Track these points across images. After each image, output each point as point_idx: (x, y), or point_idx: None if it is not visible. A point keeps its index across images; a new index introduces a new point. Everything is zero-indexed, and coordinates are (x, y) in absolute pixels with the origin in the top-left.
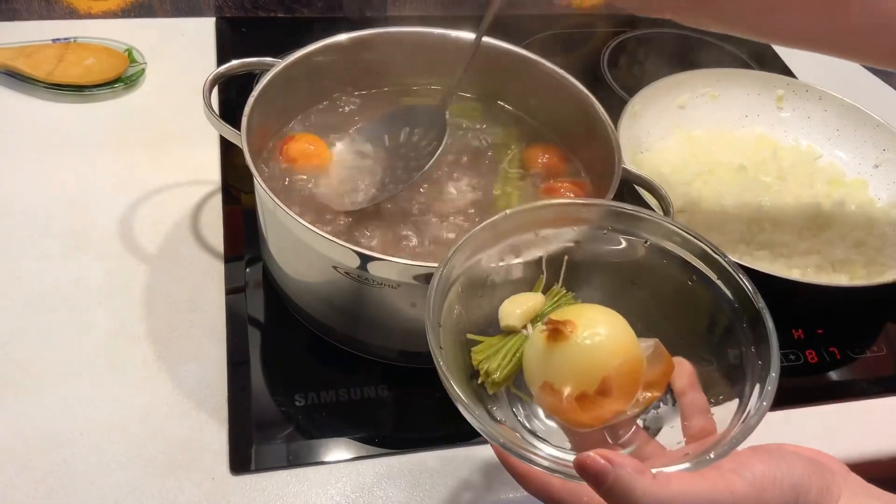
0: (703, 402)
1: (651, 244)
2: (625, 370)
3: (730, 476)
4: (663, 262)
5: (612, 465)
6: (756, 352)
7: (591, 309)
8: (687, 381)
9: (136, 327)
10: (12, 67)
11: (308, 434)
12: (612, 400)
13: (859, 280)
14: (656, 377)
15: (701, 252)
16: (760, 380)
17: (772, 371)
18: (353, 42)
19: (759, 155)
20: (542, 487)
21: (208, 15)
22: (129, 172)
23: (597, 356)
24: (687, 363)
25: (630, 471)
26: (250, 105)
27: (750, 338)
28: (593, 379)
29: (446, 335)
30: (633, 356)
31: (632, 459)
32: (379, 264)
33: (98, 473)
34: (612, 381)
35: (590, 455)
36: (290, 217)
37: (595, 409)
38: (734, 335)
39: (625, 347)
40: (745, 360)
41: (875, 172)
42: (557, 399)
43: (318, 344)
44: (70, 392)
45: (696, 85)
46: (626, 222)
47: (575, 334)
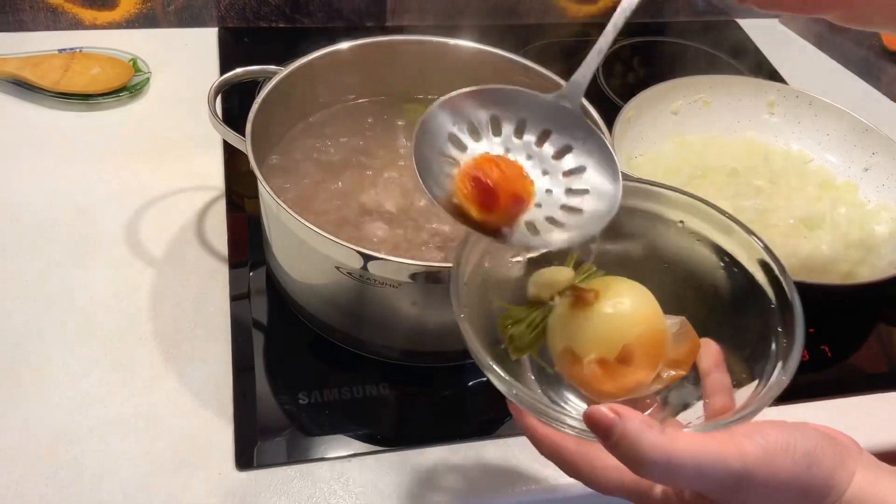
0: (727, 383)
1: (685, 226)
2: (646, 340)
3: (741, 439)
4: (696, 243)
5: (619, 418)
6: (782, 332)
7: (617, 280)
8: (713, 361)
9: (142, 329)
10: (20, 77)
11: (311, 431)
12: (632, 369)
13: (850, 280)
14: (682, 356)
15: (733, 233)
16: (783, 358)
17: (795, 349)
18: (354, 50)
19: (751, 159)
20: (556, 449)
21: (211, 25)
22: (135, 179)
23: (619, 324)
24: (714, 344)
25: (638, 424)
26: (254, 111)
27: (777, 319)
28: (614, 346)
29: (471, 297)
30: (656, 328)
31: (640, 414)
32: (380, 264)
33: (108, 469)
34: (632, 349)
35: (599, 407)
36: (293, 219)
37: (614, 377)
38: (763, 317)
39: (647, 318)
40: (771, 340)
41: (865, 175)
42: (577, 364)
43: (321, 343)
44: (79, 392)
45: (689, 91)
46: (660, 203)
47: (599, 302)
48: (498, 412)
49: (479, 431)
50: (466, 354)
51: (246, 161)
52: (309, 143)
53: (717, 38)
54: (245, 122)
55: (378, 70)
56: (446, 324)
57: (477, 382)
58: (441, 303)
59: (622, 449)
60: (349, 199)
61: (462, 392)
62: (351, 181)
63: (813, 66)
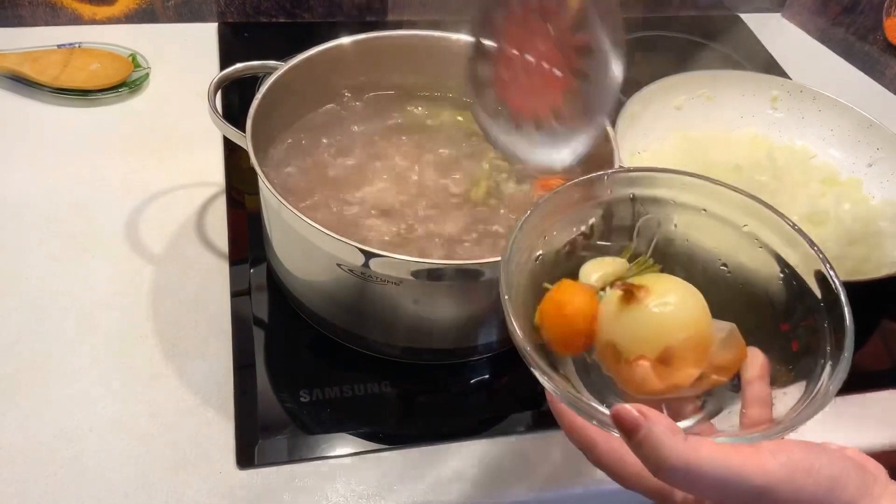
0: (767, 395)
1: (749, 230)
2: (689, 345)
3: (765, 455)
4: (758, 249)
5: (645, 419)
6: (830, 353)
7: (669, 280)
8: (757, 371)
9: (143, 326)
10: (18, 72)
11: (313, 430)
12: (671, 371)
13: (854, 276)
14: (727, 362)
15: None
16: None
17: (840, 369)
18: (355, 45)
19: (755, 155)
20: (585, 441)
21: (211, 20)
22: (135, 175)
23: (663, 324)
24: (761, 354)
25: (662, 428)
26: (254, 107)
27: (828, 337)
28: (656, 346)
29: (520, 279)
30: (702, 333)
31: (667, 419)
32: (381, 261)
33: (108, 468)
34: (674, 352)
35: (626, 406)
36: (293, 215)
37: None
38: (814, 332)
39: (693, 323)
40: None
41: (869, 171)
42: (618, 359)
43: (322, 341)
44: (79, 390)
45: (693, 86)
46: (726, 204)
47: (646, 300)
48: (502, 409)
49: (482, 429)
50: (469, 352)
51: (246, 157)
52: (310, 139)
53: (720, 32)
54: (245, 117)
55: (380, 65)
56: (448, 321)
57: (479, 380)
58: (442, 300)
59: (644, 451)
60: (351, 196)
61: (465, 390)
62: (353, 177)
63: (816, 61)
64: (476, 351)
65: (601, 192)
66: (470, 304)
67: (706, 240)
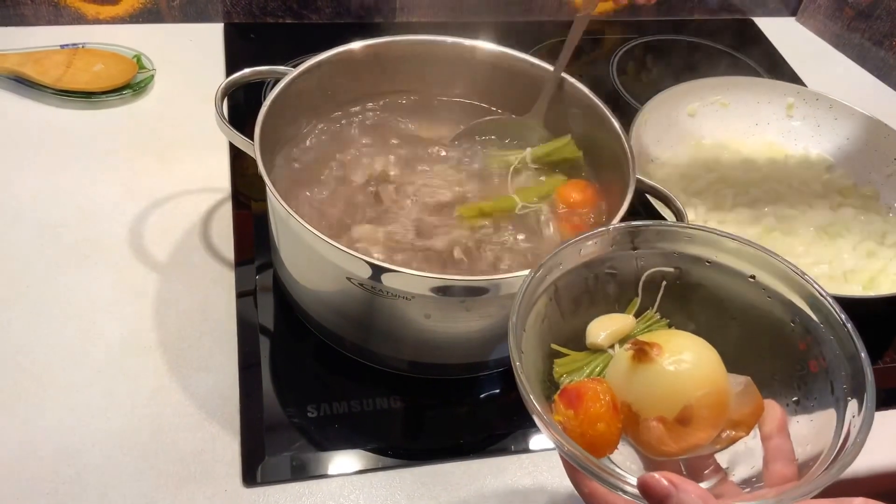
0: (789, 449)
1: (757, 281)
2: (708, 402)
3: None
4: (767, 299)
5: (675, 489)
6: (853, 402)
7: (681, 336)
8: (776, 425)
9: (147, 336)
10: (20, 73)
11: (320, 446)
12: (691, 430)
13: (871, 290)
14: (744, 417)
15: (807, 294)
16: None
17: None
18: (365, 51)
19: (770, 164)
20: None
21: (216, 21)
22: (139, 179)
23: (680, 383)
24: (778, 407)
25: (694, 497)
26: (262, 115)
27: (847, 387)
28: (674, 406)
29: (528, 342)
30: (720, 389)
31: (697, 486)
32: (393, 276)
33: (110, 485)
34: (693, 411)
35: (654, 475)
36: (303, 227)
37: (672, 438)
38: (831, 382)
39: (711, 379)
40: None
41: (886, 182)
42: (635, 421)
43: (329, 354)
44: (81, 402)
45: (706, 93)
46: (732, 255)
47: (660, 358)
48: (511, 426)
49: (493, 445)
50: (478, 367)
51: (253, 162)
52: (319, 146)
53: (733, 36)
54: (253, 120)
55: (390, 70)
56: (459, 336)
57: (489, 395)
58: (455, 315)
59: None
60: (361, 206)
61: (475, 405)
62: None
63: (831, 67)
64: (486, 366)
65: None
66: (481, 319)
67: (712, 292)
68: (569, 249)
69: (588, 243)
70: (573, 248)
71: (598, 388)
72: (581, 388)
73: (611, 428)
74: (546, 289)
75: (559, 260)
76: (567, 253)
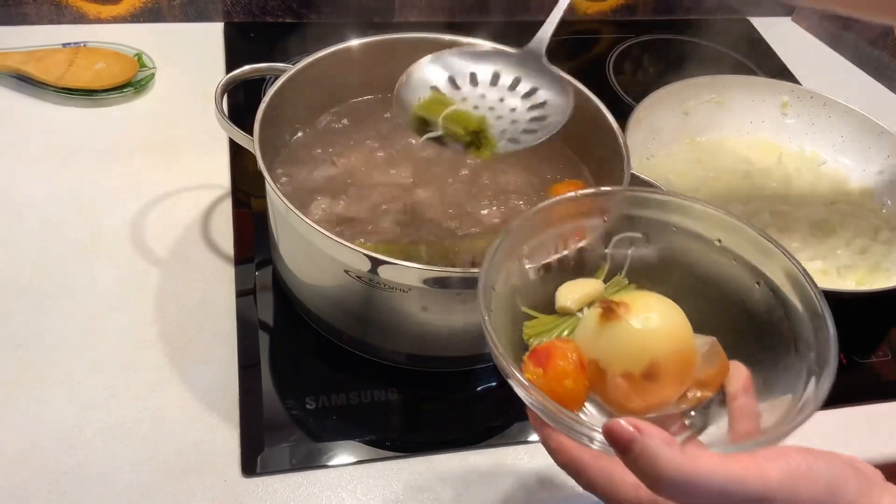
0: (753, 408)
1: (723, 245)
2: (674, 359)
3: (763, 462)
4: (732, 262)
5: (640, 434)
6: (815, 357)
7: (648, 296)
8: (741, 384)
9: (147, 330)
10: (23, 71)
11: (318, 437)
12: (657, 386)
13: (865, 285)
14: (710, 377)
15: (772, 255)
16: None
17: (825, 376)
18: (363, 48)
19: (765, 161)
20: (573, 461)
21: (217, 20)
22: (140, 176)
23: (647, 339)
24: (743, 367)
25: (659, 441)
26: (262, 111)
27: (811, 344)
28: (640, 361)
29: (498, 302)
30: (685, 347)
31: (662, 431)
32: (390, 268)
33: (111, 475)
34: (659, 366)
35: (618, 421)
36: (302, 221)
37: (638, 393)
38: (795, 341)
39: (677, 336)
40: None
41: (879, 179)
42: (602, 378)
43: (328, 347)
44: (82, 395)
45: (702, 91)
46: (697, 220)
47: (627, 316)
48: (508, 418)
49: (490, 437)
50: (475, 360)
51: (253, 159)
52: (318, 143)
53: (729, 35)
54: (252, 118)
55: (387, 68)
56: (456, 328)
57: (486, 388)
58: (452, 308)
59: (641, 465)
60: (359, 201)
61: (471, 397)
62: (361, 181)
63: (826, 66)
64: (483, 359)
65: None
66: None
67: (680, 257)
68: (539, 214)
69: (556, 209)
70: (543, 212)
71: (565, 346)
72: (549, 347)
73: (578, 385)
74: (516, 252)
75: (529, 224)
76: (537, 218)
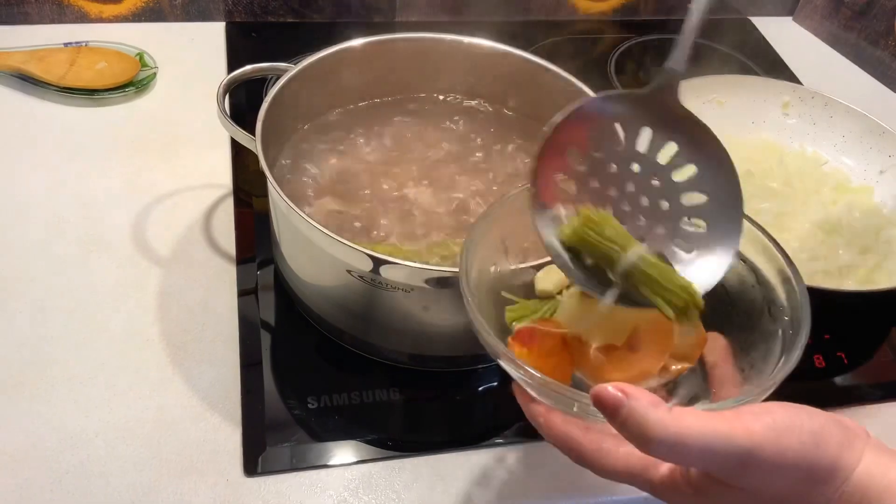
0: (735, 376)
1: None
2: (653, 328)
3: (748, 418)
4: None
5: (626, 397)
6: (789, 320)
7: None
8: (720, 354)
9: (149, 330)
10: (24, 71)
11: (320, 436)
12: (638, 357)
13: (866, 285)
14: (689, 348)
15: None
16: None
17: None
18: (366, 47)
19: (766, 161)
20: (563, 435)
21: (218, 20)
22: (141, 176)
23: (626, 310)
24: (721, 338)
25: (645, 403)
26: (264, 110)
27: (783, 307)
28: (621, 333)
29: (480, 288)
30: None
31: (647, 392)
32: (392, 268)
33: (114, 474)
34: (640, 336)
35: (605, 386)
36: (304, 221)
37: (620, 365)
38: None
39: None
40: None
41: (881, 178)
42: (584, 352)
43: (330, 346)
44: (85, 394)
45: (703, 91)
46: None
47: None
48: (510, 417)
49: (491, 437)
50: (477, 360)
51: (254, 158)
52: (319, 142)
53: (730, 36)
54: (254, 118)
55: (390, 67)
56: (458, 328)
57: (488, 387)
58: (454, 307)
59: (629, 427)
60: (361, 200)
61: (473, 397)
62: (362, 181)
63: (827, 66)
64: (485, 358)
65: None
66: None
67: None
68: (517, 198)
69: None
70: (521, 196)
71: (548, 325)
72: (533, 328)
73: (563, 361)
74: (495, 236)
75: (508, 208)
76: (516, 202)
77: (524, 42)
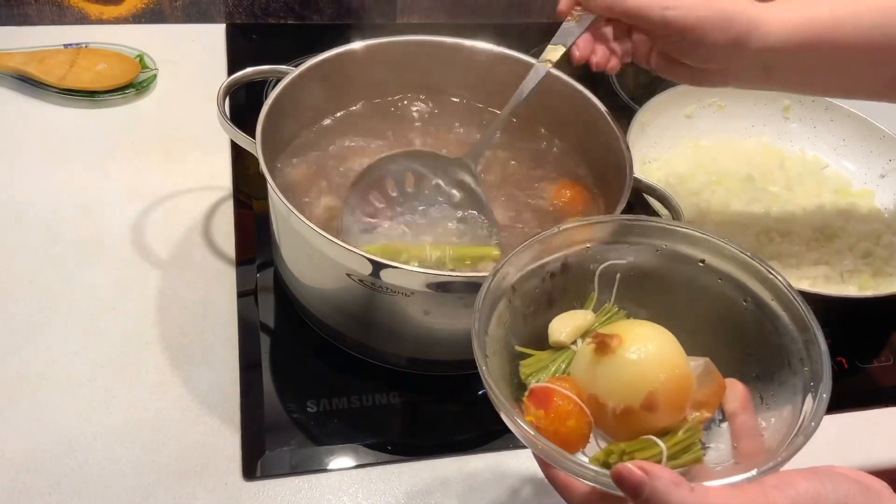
0: (755, 425)
1: (707, 264)
2: (671, 386)
3: (771, 492)
4: (718, 281)
5: (648, 476)
6: (809, 372)
7: (639, 325)
8: (739, 402)
9: (148, 332)
10: (24, 72)
11: (320, 440)
12: (657, 416)
13: (867, 290)
14: (707, 397)
15: (756, 272)
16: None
17: (822, 392)
18: (367, 50)
19: (767, 165)
20: (583, 500)
21: (219, 21)
22: (141, 178)
23: (642, 371)
24: (740, 384)
25: (667, 482)
26: (264, 113)
27: (803, 359)
28: (638, 393)
29: (493, 345)
30: (681, 373)
31: (669, 471)
32: (392, 272)
33: (112, 478)
34: (657, 396)
35: (627, 465)
36: (304, 224)
37: (640, 425)
38: (787, 356)
39: (672, 363)
40: (797, 381)
41: (881, 182)
42: (602, 411)
43: (329, 350)
44: (84, 397)
45: (703, 95)
46: (680, 241)
47: (622, 348)
48: None
49: (491, 441)
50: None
51: (254, 161)
52: (320, 145)
53: None
54: (254, 120)
55: (391, 70)
56: (458, 332)
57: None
58: (454, 312)
59: None
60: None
61: (473, 401)
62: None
63: None
64: None
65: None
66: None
67: (667, 279)
68: (523, 253)
69: (540, 245)
70: (527, 250)
71: (564, 385)
72: (549, 388)
73: (581, 423)
74: (505, 291)
75: (514, 263)
76: (522, 256)
77: (524, 44)
